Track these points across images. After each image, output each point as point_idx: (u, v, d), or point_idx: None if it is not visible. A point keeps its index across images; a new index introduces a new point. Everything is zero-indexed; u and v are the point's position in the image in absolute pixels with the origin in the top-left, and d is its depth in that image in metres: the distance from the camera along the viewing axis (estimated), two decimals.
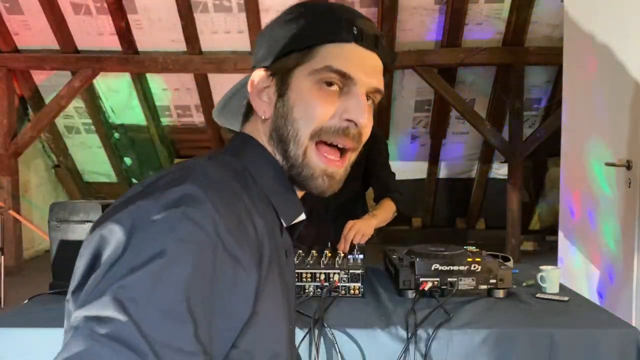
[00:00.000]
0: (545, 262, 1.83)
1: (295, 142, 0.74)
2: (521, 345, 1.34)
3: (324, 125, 0.74)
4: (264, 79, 0.77)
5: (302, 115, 0.74)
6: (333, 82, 0.73)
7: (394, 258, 1.79)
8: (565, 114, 2.93)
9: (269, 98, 0.77)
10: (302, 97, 0.74)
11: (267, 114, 0.77)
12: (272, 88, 0.77)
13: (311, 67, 0.74)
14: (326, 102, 0.74)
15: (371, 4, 4.35)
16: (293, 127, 0.74)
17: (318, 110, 0.73)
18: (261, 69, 0.77)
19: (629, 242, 2.24)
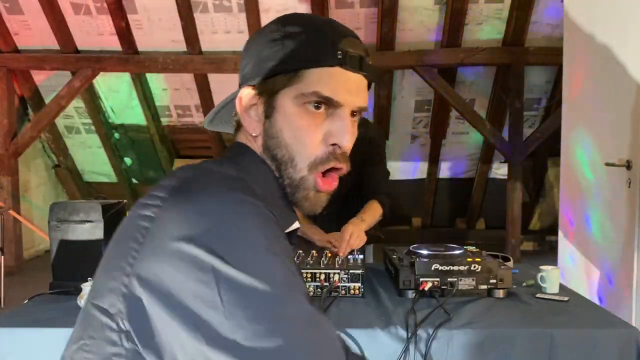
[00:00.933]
0: (545, 262, 1.83)
1: (293, 167, 0.77)
2: (521, 345, 1.34)
3: (316, 157, 0.76)
4: (252, 97, 0.78)
5: (292, 140, 0.76)
6: (320, 105, 0.75)
7: (394, 258, 1.79)
8: (565, 114, 2.93)
9: (257, 117, 0.78)
10: (288, 120, 0.76)
11: (256, 131, 0.79)
12: (260, 107, 0.78)
13: (298, 91, 0.75)
14: (314, 127, 0.75)
15: (371, 4, 4.35)
16: (288, 152, 0.76)
17: (307, 138, 0.76)
18: (249, 87, 0.78)
19: (628, 242, 2.24)
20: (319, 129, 0.76)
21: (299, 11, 4.30)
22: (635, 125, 2.21)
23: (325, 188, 0.78)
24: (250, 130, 0.79)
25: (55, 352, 0.68)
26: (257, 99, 0.78)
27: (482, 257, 1.71)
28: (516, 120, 4.70)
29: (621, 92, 2.31)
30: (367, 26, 4.51)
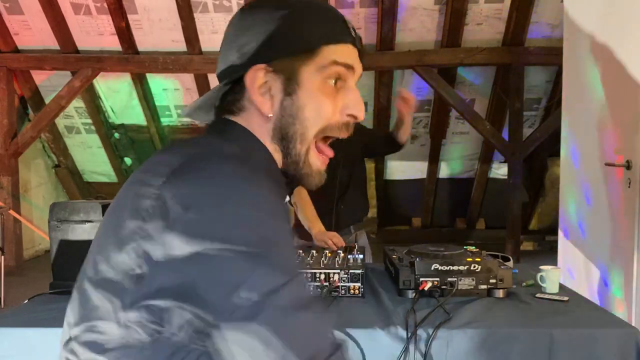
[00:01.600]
0: (545, 262, 1.83)
1: (302, 140, 0.78)
2: (521, 345, 1.34)
3: (329, 123, 0.78)
4: (264, 76, 0.76)
5: (312, 114, 0.77)
6: (338, 77, 0.78)
7: (394, 258, 1.79)
8: (565, 114, 2.93)
9: (273, 96, 0.77)
10: (313, 96, 0.77)
11: (271, 111, 0.77)
12: (277, 86, 0.77)
13: (317, 65, 0.76)
14: (333, 99, 0.78)
15: (371, 4, 4.35)
16: (302, 125, 0.77)
17: (328, 109, 0.78)
18: (260, 65, 0.76)
19: (628, 242, 2.24)
20: (336, 101, 0.78)
21: None
22: (635, 125, 2.21)
23: (323, 162, 0.81)
24: (265, 110, 0.77)
25: (55, 352, 0.68)
26: (273, 77, 0.76)
27: (482, 257, 1.71)
28: (516, 120, 4.70)
29: (621, 92, 2.31)
30: (367, 26, 4.51)
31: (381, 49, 4.58)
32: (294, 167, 0.79)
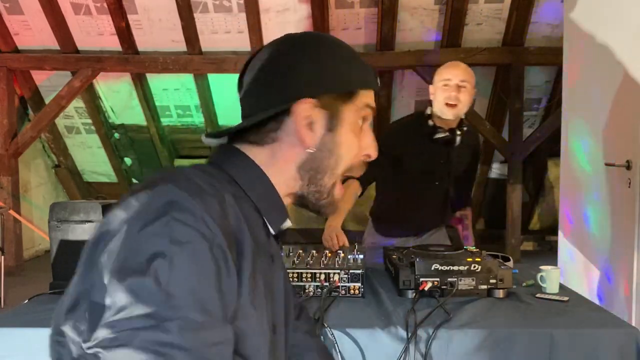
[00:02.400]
0: (545, 262, 1.83)
1: (331, 174, 0.84)
2: (521, 345, 1.34)
3: (353, 164, 0.86)
4: (312, 109, 0.80)
5: (346, 151, 0.83)
6: (365, 119, 0.85)
7: (394, 258, 1.79)
8: (565, 114, 2.93)
9: (315, 130, 0.81)
10: (349, 134, 0.83)
11: (312, 144, 0.81)
12: (321, 121, 0.81)
13: (356, 106, 0.83)
14: (359, 140, 0.85)
15: (371, 4, 4.35)
16: (337, 161, 0.83)
17: (357, 148, 0.85)
18: (307, 99, 0.79)
19: (628, 242, 2.24)
20: (359, 141, 0.86)
21: (299, 12, 4.31)
22: (635, 125, 2.21)
23: (341, 194, 0.88)
24: (309, 142, 0.81)
25: None
26: (318, 112, 0.80)
27: (482, 257, 1.71)
28: (516, 120, 4.71)
29: (621, 92, 2.31)
30: (367, 26, 4.51)
31: (381, 49, 4.58)
32: (316, 196, 0.85)
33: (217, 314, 0.64)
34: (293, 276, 1.60)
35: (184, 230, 0.63)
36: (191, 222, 0.64)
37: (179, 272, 0.61)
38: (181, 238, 0.62)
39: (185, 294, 0.61)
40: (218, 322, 0.64)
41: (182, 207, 0.65)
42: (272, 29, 4.40)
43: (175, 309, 0.60)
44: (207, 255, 0.63)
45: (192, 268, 0.62)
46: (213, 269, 0.64)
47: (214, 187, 0.72)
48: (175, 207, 0.64)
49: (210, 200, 0.68)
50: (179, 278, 0.61)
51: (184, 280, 0.61)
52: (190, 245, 0.62)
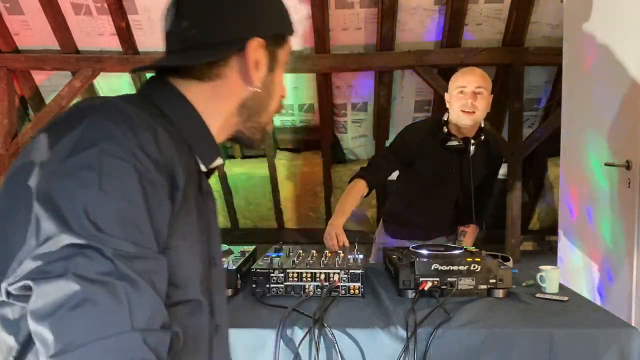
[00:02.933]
0: (545, 262, 1.84)
1: (267, 112, 0.90)
2: (521, 345, 1.34)
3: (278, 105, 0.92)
4: (260, 49, 0.84)
5: (279, 92, 0.91)
6: (288, 62, 0.91)
7: (394, 258, 1.79)
8: (565, 114, 2.93)
9: (259, 70, 0.85)
10: (281, 76, 0.90)
11: (257, 84, 0.85)
12: (264, 62, 0.86)
13: (286, 51, 0.89)
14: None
15: (371, 4, 4.35)
16: (272, 101, 0.90)
17: (283, 91, 0.92)
18: (258, 39, 0.83)
19: (628, 242, 2.24)
20: None
21: (299, 11, 4.30)
22: (635, 125, 2.21)
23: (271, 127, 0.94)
24: (257, 81, 0.84)
25: None
26: (263, 53, 0.85)
27: (482, 257, 1.71)
28: (516, 120, 4.70)
29: (621, 92, 2.32)
30: (367, 26, 4.51)
31: (381, 49, 4.58)
32: (252, 132, 0.90)
33: (148, 244, 0.64)
34: (293, 276, 1.61)
35: (113, 162, 0.63)
36: (121, 154, 0.64)
37: (108, 204, 0.61)
38: (110, 170, 0.63)
39: (115, 226, 0.61)
40: (149, 252, 0.64)
41: (113, 139, 0.65)
42: None
43: (106, 239, 0.60)
44: (137, 187, 0.64)
45: (122, 200, 0.63)
46: (142, 200, 0.64)
47: (145, 120, 0.71)
48: (106, 139, 0.65)
49: (143, 133, 0.68)
50: (108, 209, 0.61)
51: (113, 211, 0.62)
52: (120, 178, 0.63)
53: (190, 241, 0.76)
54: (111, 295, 0.58)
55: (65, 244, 0.58)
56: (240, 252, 1.90)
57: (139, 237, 0.63)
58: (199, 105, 0.83)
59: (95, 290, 0.57)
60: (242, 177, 5.57)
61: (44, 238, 0.59)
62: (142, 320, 0.60)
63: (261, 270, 1.61)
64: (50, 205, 0.60)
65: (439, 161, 2.24)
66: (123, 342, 0.58)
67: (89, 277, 0.58)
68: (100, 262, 0.59)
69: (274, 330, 1.34)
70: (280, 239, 2.91)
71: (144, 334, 0.59)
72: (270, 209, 5.87)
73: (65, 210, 0.60)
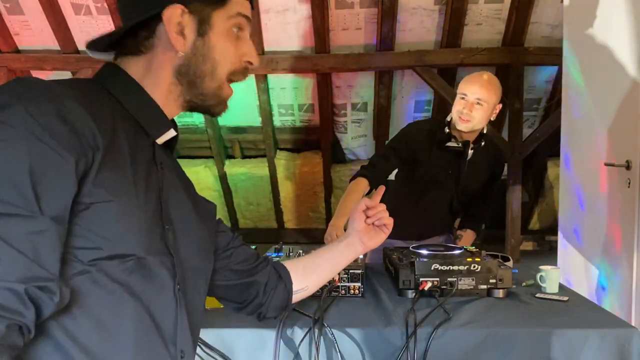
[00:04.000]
0: (544, 262, 1.84)
1: (212, 77, 0.89)
2: (521, 345, 1.34)
3: (235, 69, 0.91)
4: (181, 15, 0.85)
5: (220, 56, 0.88)
6: (240, 27, 0.90)
7: (394, 258, 1.79)
8: (565, 114, 2.93)
9: (186, 35, 0.86)
10: (222, 39, 0.88)
11: (184, 49, 0.86)
12: (190, 26, 0.86)
13: (227, 14, 0.88)
14: (235, 46, 0.90)
15: (371, 4, 4.35)
16: (212, 65, 0.88)
17: (234, 54, 0.90)
18: (177, 5, 0.84)
19: (628, 242, 2.24)
20: (237, 48, 0.91)
21: (299, 12, 4.31)
22: (634, 125, 2.21)
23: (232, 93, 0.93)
24: (179, 48, 0.86)
25: None
26: (187, 18, 0.85)
27: (482, 257, 1.71)
28: (516, 121, 4.71)
29: (621, 92, 2.32)
30: (367, 26, 4.51)
31: (381, 49, 4.58)
32: (201, 99, 0.91)
33: (27, 206, 0.67)
34: None
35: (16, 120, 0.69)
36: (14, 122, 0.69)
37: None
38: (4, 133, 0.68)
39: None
40: (28, 212, 0.67)
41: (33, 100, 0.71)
42: (272, 30, 4.40)
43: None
44: (25, 151, 0.68)
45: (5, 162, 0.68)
46: (28, 163, 0.68)
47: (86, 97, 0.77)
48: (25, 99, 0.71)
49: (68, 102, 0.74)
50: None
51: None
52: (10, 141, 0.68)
53: (124, 200, 0.79)
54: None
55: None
56: None
57: (15, 197, 0.67)
58: (141, 80, 0.88)
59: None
60: (242, 177, 5.57)
61: None
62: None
63: None
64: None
65: (436, 161, 2.24)
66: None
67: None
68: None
69: (274, 330, 1.34)
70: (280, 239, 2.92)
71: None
72: (270, 209, 5.87)
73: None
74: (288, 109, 5.10)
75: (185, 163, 5.62)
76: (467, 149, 2.19)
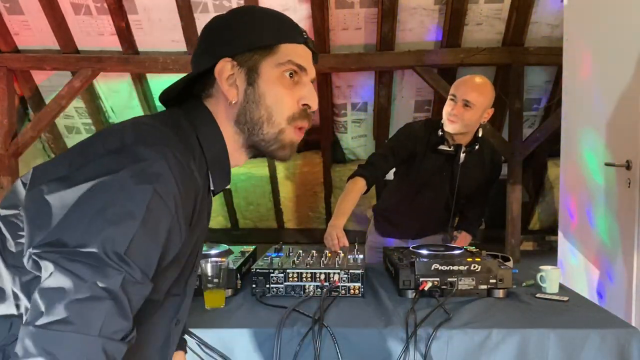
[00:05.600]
0: (545, 262, 1.84)
1: (270, 123, 0.91)
2: (521, 345, 1.34)
3: (294, 113, 0.93)
4: (231, 68, 0.90)
5: (273, 101, 0.91)
6: (294, 72, 0.92)
7: (394, 258, 1.79)
8: (565, 114, 2.93)
9: (237, 85, 0.90)
10: (270, 85, 0.91)
11: (236, 98, 0.91)
12: (241, 77, 0.90)
13: (276, 61, 0.91)
14: (290, 91, 0.92)
15: (371, 4, 4.35)
16: (267, 112, 0.91)
17: (287, 99, 0.92)
18: (226, 59, 0.89)
19: (628, 242, 2.24)
20: (293, 92, 0.92)
21: (299, 11, 4.30)
22: (635, 125, 2.21)
23: (299, 137, 0.95)
24: (231, 98, 0.90)
25: None
26: (237, 69, 0.90)
27: (482, 257, 1.71)
28: (516, 120, 4.70)
29: (621, 92, 2.32)
30: (367, 26, 4.51)
31: (381, 49, 4.58)
32: (264, 145, 0.93)
33: (150, 273, 0.75)
34: (293, 276, 1.61)
35: (160, 205, 0.74)
36: (165, 199, 0.75)
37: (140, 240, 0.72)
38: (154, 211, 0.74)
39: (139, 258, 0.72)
40: (147, 279, 0.74)
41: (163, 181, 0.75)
42: None
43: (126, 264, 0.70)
44: (166, 229, 0.76)
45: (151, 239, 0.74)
46: (164, 239, 0.76)
47: (185, 156, 0.81)
48: (160, 180, 0.75)
49: (182, 172, 0.78)
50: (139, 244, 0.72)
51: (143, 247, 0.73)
52: (157, 219, 0.74)
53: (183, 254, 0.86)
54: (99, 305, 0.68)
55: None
56: (240, 252, 1.90)
57: (148, 267, 0.74)
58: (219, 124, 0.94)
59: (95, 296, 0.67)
60: (242, 177, 5.57)
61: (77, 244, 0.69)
62: (109, 331, 0.68)
63: (261, 270, 1.61)
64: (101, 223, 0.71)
65: (430, 163, 2.24)
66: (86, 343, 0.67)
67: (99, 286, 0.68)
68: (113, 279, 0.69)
69: (274, 330, 1.34)
70: (280, 239, 2.91)
71: (104, 342, 0.67)
72: (270, 209, 5.87)
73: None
74: None
75: None
76: (460, 152, 2.19)
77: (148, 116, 0.91)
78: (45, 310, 0.65)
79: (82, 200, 0.71)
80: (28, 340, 0.65)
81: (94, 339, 0.66)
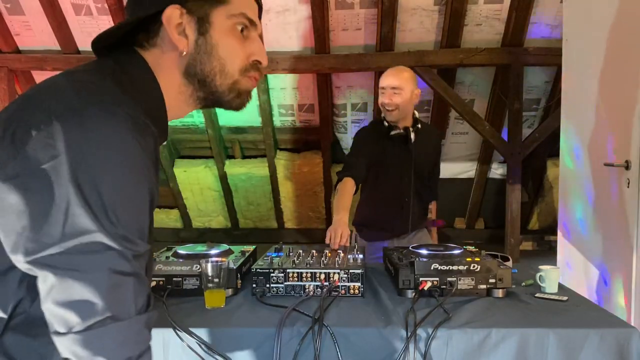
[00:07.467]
0: (544, 262, 1.84)
1: (223, 75, 0.88)
2: (520, 345, 1.34)
3: (245, 65, 0.90)
4: (179, 16, 0.84)
5: (225, 53, 0.87)
6: (245, 26, 0.89)
7: (394, 258, 1.79)
8: (564, 114, 2.94)
9: (187, 35, 0.86)
10: (224, 37, 0.87)
11: (187, 48, 0.86)
12: (190, 26, 0.85)
13: (228, 12, 0.87)
14: (241, 44, 0.89)
15: (371, 4, 4.35)
16: (220, 63, 0.87)
17: (239, 52, 0.89)
18: (175, 5, 0.84)
19: (628, 242, 2.25)
20: (244, 47, 0.90)
21: (299, 12, 4.31)
22: (634, 125, 2.22)
23: (254, 85, 0.93)
24: (182, 47, 0.85)
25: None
26: (186, 18, 0.85)
27: (481, 256, 1.72)
28: (515, 121, 4.71)
29: (620, 92, 2.32)
30: (366, 27, 4.52)
31: (381, 49, 4.59)
32: (217, 96, 0.90)
33: (147, 240, 0.76)
34: (293, 276, 1.61)
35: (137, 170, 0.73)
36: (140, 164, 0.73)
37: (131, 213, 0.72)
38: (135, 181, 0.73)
39: (135, 230, 0.72)
40: (147, 247, 0.75)
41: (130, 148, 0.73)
42: (272, 30, 4.41)
43: (128, 241, 0.70)
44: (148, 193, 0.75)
45: (139, 206, 0.74)
46: (148, 206, 0.76)
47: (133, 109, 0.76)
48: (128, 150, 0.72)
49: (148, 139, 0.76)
50: (131, 218, 0.72)
51: (134, 217, 0.73)
52: (139, 187, 0.74)
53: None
54: (127, 288, 0.70)
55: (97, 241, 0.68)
56: (240, 252, 1.90)
57: (143, 235, 0.74)
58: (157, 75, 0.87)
59: (116, 282, 0.69)
60: (242, 177, 5.57)
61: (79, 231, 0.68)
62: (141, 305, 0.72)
63: (261, 270, 1.62)
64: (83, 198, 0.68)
65: (389, 153, 2.42)
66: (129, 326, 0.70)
67: (118, 270, 0.69)
68: (124, 263, 0.70)
69: (274, 330, 1.35)
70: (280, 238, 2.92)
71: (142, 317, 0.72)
72: (270, 209, 5.88)
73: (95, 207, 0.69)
74: (288, 109, 5.11)
75: (185, 163, 5.63)
76: (410, 133, 2.39)
77: (82, 70, 0.84)
78: (78, 314, 0.67)
79: (47, 189, 0.68)
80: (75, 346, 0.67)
81: (135, 320, 0.70)
